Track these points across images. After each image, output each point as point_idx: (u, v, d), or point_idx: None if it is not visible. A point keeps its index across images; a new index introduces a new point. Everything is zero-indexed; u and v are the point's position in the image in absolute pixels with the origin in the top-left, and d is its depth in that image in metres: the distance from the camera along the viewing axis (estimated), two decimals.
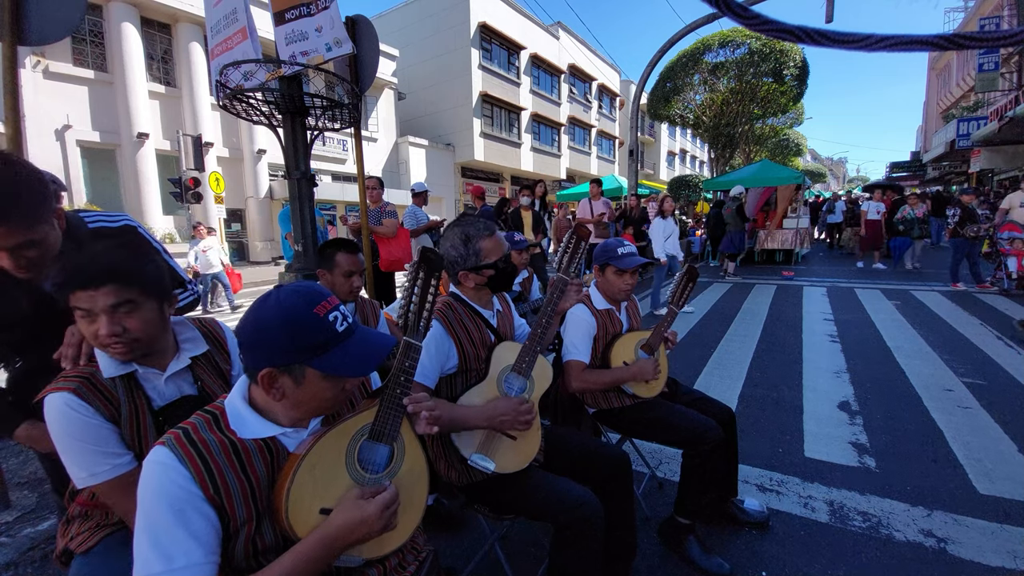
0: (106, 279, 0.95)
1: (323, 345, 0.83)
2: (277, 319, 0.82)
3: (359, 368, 0.86)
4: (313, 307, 0.84)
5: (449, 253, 1.47)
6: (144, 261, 1.02)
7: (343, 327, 0.86)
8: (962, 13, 25.69)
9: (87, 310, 0.96)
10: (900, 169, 31.83)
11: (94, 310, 0.96)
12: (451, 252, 1.47)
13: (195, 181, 10.24)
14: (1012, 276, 6.50)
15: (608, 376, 1.82)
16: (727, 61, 18.17)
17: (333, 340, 0.85)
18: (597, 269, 1.94)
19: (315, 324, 0.83)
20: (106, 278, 0.95)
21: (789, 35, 0.65)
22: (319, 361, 0.83)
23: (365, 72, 2.86)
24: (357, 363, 0.86)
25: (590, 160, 27.80)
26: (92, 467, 0.96)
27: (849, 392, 3.37)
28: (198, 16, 12.54)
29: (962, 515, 2.00)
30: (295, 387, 0.84)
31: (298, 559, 0.79)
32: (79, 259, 0.96)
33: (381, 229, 4.44)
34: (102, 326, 0.96)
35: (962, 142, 18.26)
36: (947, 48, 0.61)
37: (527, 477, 1.40)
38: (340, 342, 0.86)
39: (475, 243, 1.45)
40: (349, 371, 0.85)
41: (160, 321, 1.04)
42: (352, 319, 0.90)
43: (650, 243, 6.53)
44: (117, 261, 0.97)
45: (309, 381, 0.84)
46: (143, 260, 1.02)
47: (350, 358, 0.86)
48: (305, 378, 0.84)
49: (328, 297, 0.87)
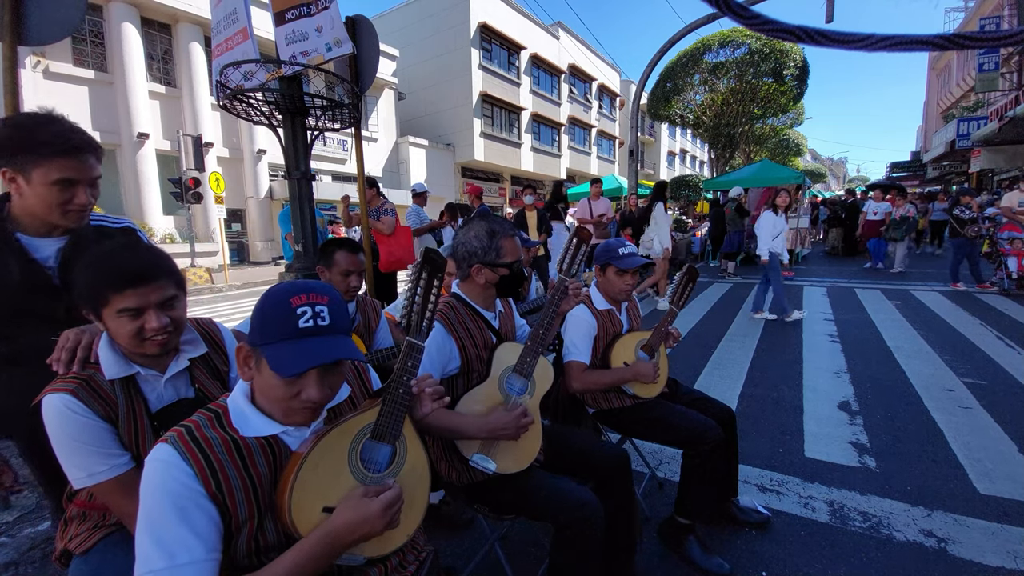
0: (158, 274, 0.98)
1: (277, 334, 0.81)
2: (264, 296, 0.85)
3: (287, 365, 0.79)
4: (291, 295, 0.83)
5: (471, 243, 1.46)
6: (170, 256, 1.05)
7: (307, 324, 0.81)
8: (962, 13, 25.70)
9: (136, 308, 0.96)
10: (900, 169, 31.86)
11: (146, 306, 0.97)
12: (473, 242, 1.46)
13: (195, 181, 10.25)
14: (1012, 276, 6.51)
15: (608, 376, 1.82)
16: (727, 61, 18.18)
17: (290, 333, 0.81)
18: (598, 269, 1.93)
19: (280, 309, 0.82)
20: (158, 273, 0.99)
21: (789, 35, 0.65)
22: (268, 349, 0.80)
23: (365, 72, 2.86)
24: (290, 360, 0.79)
25: (590, 160, 27.80)
26: (91, 467, 0.97)
27: (849, 392, 3.37)
28: (198, 16, 12.55)
29: (962, 515, 2.00)
30: (258, 373, 0.84)
31: (300, 556, 0.80)
32: (116, 259, 0.97)
33: (379, 225, 4.46)
34: (152, 320, 0.97)
35: (962, 142, 18.28)
36: (947, 48, 0.61)
37: (528, 477, 1.40)
38: (294, 337, 0.81)
39: (498, 239, 1.46)
40: (282, 367, 0.79)
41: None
42: (327, 323, 0.84)
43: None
44: (160, 256, 1.02)
45: (263, 369, 0.82)
46: (169, 256, 1.06)
47: (292, 355, 0.79)
48: (261, 364, 0.82)
49: (315, 292, 0.84)
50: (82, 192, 1.20)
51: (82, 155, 1.18)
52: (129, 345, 1.00)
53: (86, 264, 0.98)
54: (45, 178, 1.15)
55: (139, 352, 1.01)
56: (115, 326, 0.98)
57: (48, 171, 1.14)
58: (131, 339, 0.98)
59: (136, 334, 0.97)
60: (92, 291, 0.96)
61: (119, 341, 1.00)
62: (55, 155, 1.14)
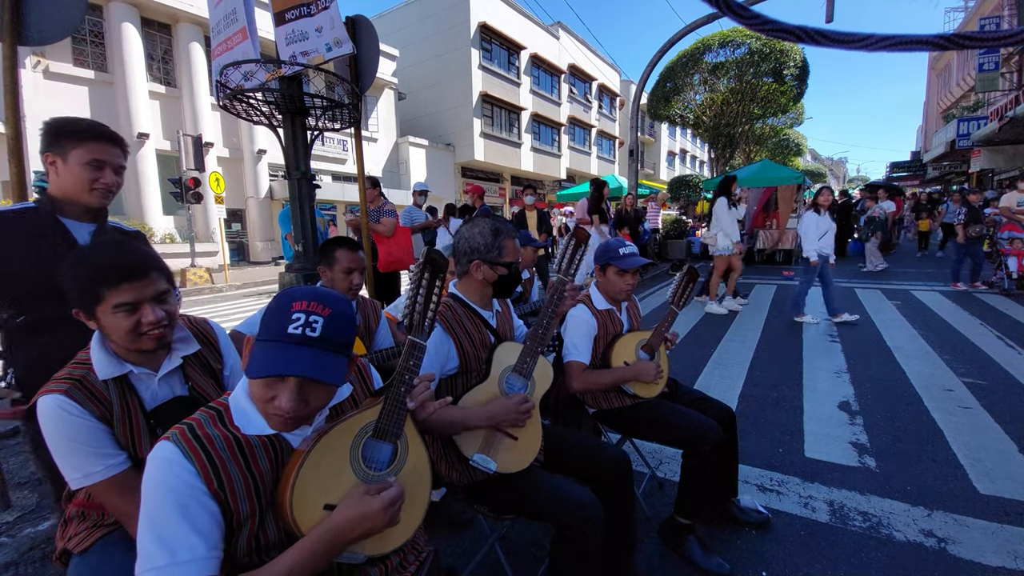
0: (150, 269, 1.00)
1: (267, 333, 0.83)
2: (279, 294, 0.88)
3: (256, 366, 0.79)
4: (296, 300, 0.84)
5: (475, 239, 1.47)
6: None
7: (296, 331, 0.81)
8: (962, 13, 25.69)
9: (132, 302, 0.98)
10: (900, 169, 31.85)
11: (141, 300, 0.99)
12: (477, 239, 1.47)
13: (195, 181, 10.24)
14: (1012, 276, 6.51)
15: (609, 376, 1.83)
16: (727, 61, 18.15)
17: (277, 335, 0.81)
18: (598, 269, 1.94)
19: (280, 309, 0.84)
20: (150, 268, 1.00)
21: (789, 35, 0.65)
22: (256, 344, 0.83)
23: (365, 72, 2.86)
24: (262, 362, 0.79)
25: (590, 160, 27.80)
26: (86, 467, 0.97)
27: (849, 392, 3.37)
28: (198, 16, 12.54)
29: (962, 515, 2.00)
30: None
31: (302, 554, 0.80)
32: (108, 256, 0.98)
33: (379, 227, 4.46)
34: (148, 314, 0.99)
35: (962, 142, 18.27)
36: (947, 48, 0.62)
37: (528, 477, 1.40)
38: (279, 341, 0.81)
39: (502, 239, 1.47)
40: (252, 368, 0.79)
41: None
42: (317, 335, 0.82)
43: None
44: (148, 251, 1.04)
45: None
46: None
47: (264, 355, 0.80)
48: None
49: (319, 302, 0.84)
50: (109, 173, 1.41)
51: (111, 142, 1.42)
52: (125, 341, 1.00)
53: (77, 263, 0.98)
54: (80, 158, 1.36)
55: (135, 348, 1.02)
56: (111, 323, 0.98)
57: (83, 152, 1.36)
58: (128, 335, 0.99)
59: (133, 329, 0.98)
60: (86, 289, 0.96)
61: (115, 338, 1.00)
62: (90, 139, 1.38)
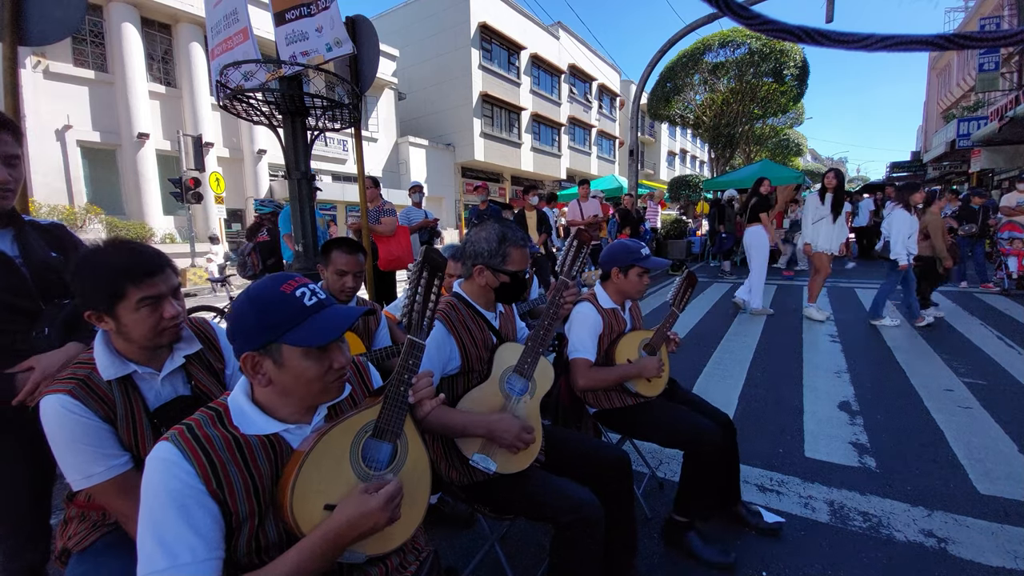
0: (164, 264, 1.03)
1: (292, 320, 0.84)
2: (246, 302, 0.86)
3: (328, 333, 0.84)
4: (279, 286, 0.86)
5: (480, 243, 1.47)
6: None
7: (312, 301, 0.86)
8: (962, 13, 25.67)
9: (155, 296, 1.00)
10: (900, 169, 31.80)
11: (163, 293, 1.01)
12: (482, 244, 1.47)
13: (195, 181, 10.26)
14: (1012, 276, 6.51)
15: (614, 373, 1.83)
16: (727, 61, 18.14)
17: (301, 314, 0.85)
18: (617, 271, 1.93)
19: (280, 300, 0.85)
20: (164, 263, 1.03)
21: (789, 35, 0.65)
22: (291, 335, 0.83)
23: (365, 72, 2.86)
24: (328, 330, 0.85)
25: (590, 160, 27.79)
26: (88, 468, 0.96)
27: (849, 392, 3.37)
28: (198, 16, 12.53)
29: (962, 515, 2.00)
30: (278, 370, 0.85)
31: (303, 554, 0.80)
32: (126, 254, 1.00)
33: (379, 227, 4.47)
34: (169, 308, 1.02)
35: (962, 142, 18.23)
36: (947, 48, 0.61)
37: (528, 477, 1.40)
38: (309, 315, 0.85)
39: (507, 246, 1.46)
40: (319, 339, 0.84)
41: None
42: (325, 296, 0.90)
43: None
44: (156, 249, 1.06)
45: (288, 361, 0.85)
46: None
47: (319, 328, 0.85)
48: (283, 357, 0.84)
49: (294, 279, 0.88)
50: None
51: None
52: (146, 337, 1.01)
53: (92, 265, 0.98)
54: None
55: (155, 344, 1.04)
56: (134, 320, 0.99)
57: None
58: (150, 330, 1.01)
59: (155, 324, 1.01)
60: (108, 288, 0.97)
61: (136, 335, 1.01)
62: None
